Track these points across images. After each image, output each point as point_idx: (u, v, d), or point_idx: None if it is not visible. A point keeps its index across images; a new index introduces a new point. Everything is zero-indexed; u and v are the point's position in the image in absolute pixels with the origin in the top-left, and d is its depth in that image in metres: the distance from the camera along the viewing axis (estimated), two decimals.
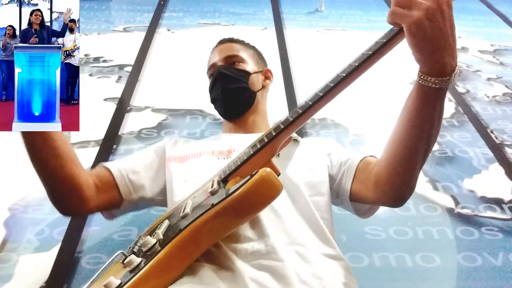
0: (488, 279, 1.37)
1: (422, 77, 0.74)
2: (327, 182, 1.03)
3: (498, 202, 1.68)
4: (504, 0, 3.95)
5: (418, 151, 0.84)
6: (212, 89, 1.27)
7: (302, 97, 2.22)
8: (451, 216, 1.60)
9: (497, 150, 1.98)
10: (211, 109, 1.28)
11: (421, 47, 0.71)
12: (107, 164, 1.10)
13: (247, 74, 1.26)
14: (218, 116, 1.33)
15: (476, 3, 3.91)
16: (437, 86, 0.73)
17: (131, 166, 1.10)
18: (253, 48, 1.36)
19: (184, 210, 0.83)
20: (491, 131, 2.11)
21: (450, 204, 1.66)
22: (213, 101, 1.29)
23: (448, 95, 2.37)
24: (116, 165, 1.09)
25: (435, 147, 1.98)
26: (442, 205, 1.65)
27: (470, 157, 1.93)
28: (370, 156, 1.02)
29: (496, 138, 2.07)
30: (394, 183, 0.89)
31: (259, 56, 1.36)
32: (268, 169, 0.76)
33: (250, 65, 1.28)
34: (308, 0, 3.73)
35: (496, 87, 2.54)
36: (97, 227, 1.48)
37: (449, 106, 2.30)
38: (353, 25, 3.34)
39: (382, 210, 1.42)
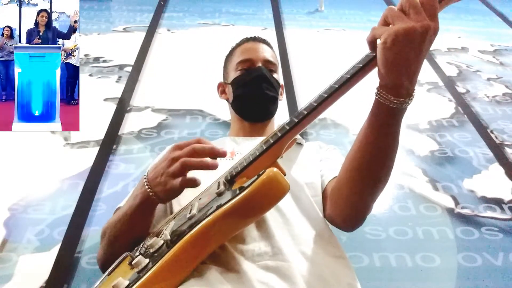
0: (488, 279, 1.37)
1: (378, 90, 0.75)
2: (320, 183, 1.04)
3: (498, 202, 1.68)
4: (504, 0, 3.95)
5: (364, 171, 0.84)
6: (247, 84, 1.24)
7: (302, 97, 2.23)
8: (451, 216, 1.60)
9: (497, 150, 1.98)
10: (211, 109, 1.27)
11: (387, 60, 0.71)
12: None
13: (280, 86, 1.30)
14: (218, 116, 1.33)
15: (476, 3, 3.91)
16: (390, 105, 0.74)
17: None
18: (277, 60, 1.37)
19: (190, 211, 0.82)
20: (491, 131, 2.11)
21: (450, 204, 1.66)
22: (241, 96, 1.26)
23: (448, 95, 2.38)
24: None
25: (435, 147, 1.99)
26: (442, 205, 1.65)
27: (470, 157, 1.93)
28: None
29: (496, 138, 2.07)
30: (340, 201, 0.91)
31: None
32: (275, 169, 0.76)
33: (279, 78, 1.31)
34: (308, 0, 3.74)
35: (496, 87, 2.54)
36: (97, 227, 1.48)
37: (449, 106, 2.30)
38: (353, 25, 3.34)
39: (382, 210, 1.42)
